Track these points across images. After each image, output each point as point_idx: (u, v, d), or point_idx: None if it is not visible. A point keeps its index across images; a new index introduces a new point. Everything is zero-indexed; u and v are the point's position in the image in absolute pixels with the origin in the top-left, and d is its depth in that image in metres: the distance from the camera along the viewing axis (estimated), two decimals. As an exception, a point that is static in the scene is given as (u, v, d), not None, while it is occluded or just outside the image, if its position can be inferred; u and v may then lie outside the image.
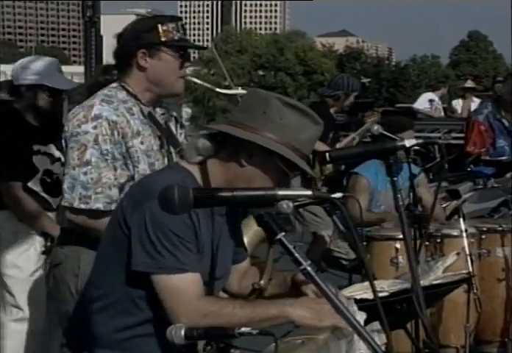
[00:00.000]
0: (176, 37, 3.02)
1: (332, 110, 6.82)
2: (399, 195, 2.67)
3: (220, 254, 2.45)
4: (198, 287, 2.31)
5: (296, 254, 1.76)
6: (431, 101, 13.24)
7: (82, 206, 2.94)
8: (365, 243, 4.55)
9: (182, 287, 2.28)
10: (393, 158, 2.68)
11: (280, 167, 2.34)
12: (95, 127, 2.94)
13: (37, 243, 4.06)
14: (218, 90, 3.58)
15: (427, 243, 4.52)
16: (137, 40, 3.01)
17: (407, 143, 2.69)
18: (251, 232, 3.17)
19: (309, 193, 1.83)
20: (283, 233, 1.78)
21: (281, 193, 1.84)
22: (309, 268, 1.77)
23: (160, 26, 3.01)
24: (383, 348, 2.25)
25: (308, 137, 2.39)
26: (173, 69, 3.04)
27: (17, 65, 4.14)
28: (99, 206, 2.93)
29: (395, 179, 2.72)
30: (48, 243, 3.92)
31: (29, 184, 3.99)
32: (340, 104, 6.84)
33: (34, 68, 4.06)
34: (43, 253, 3.98)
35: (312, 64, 58.96)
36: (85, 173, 2.93)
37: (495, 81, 11.93)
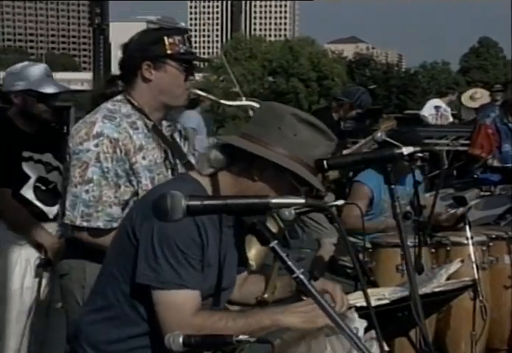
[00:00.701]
0: (182, 50, 3.00)
1: (335, 115, 6.71)
2: (396, 203, 2.66)
3: (227, 265, 2.46)
4: (195, 303, 2.32)
5: (289, 262, 1.75)
6: (437, 107, 13.24)
7: (85, 224, 2.95)
8: (371, 250, 4.54)
9: (179, 303, 2.29)
10: (390, 166, 2.68)
11: (291, 182, 2.35)
12: (96, 145, 2.93)
13: (23, 261, 3.93)
14: (222, 101, 3.52)
15: (433, 250, 4.51)
16: (143, 51, 3.00)
17: (405, 150, 2.68)
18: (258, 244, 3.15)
19: (302, 201, 1.82)
20: (276, 241, 1.78)
21: (274, 201, 1.83)
22: (301, 276, 1.77)
23: (166, 38, 2.99)
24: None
25: (321, 154, 2.41)
26: (178, 82, 3.02)
27: (5, 73, 4.07)
28: (100, 224, 2.94)
29: (393, 186, 2.71)
30: (43, 256, 3.85)
31: (22, 191, 3.91)
32: (341, 112, 6.71)
33: (21, 74, 3.98)
34: (39, 266, 3.89)
35: (325, 70, 59.07)
36: (87, 191, 2.93)
37: (493, 90, 11.89)
